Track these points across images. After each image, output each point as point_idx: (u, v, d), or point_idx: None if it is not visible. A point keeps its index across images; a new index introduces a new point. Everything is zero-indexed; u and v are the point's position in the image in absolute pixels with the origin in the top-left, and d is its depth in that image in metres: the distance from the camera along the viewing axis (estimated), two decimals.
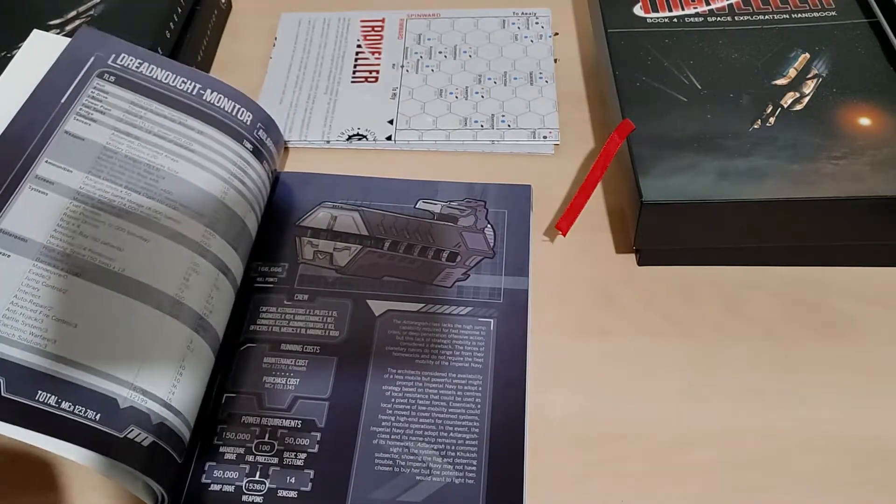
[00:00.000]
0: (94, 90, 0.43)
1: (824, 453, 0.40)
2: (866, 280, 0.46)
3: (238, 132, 0.45)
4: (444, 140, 0.54)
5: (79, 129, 0.42)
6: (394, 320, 0.44)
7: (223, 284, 0.42)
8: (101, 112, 0.43)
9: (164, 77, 0.45)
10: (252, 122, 0.47)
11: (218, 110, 0.45)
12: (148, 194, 0.41)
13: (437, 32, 0.62)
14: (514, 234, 0.48)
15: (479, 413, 0.41)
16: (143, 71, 0.45)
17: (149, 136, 0.43)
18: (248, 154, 0.45)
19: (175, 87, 0.45)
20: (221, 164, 0.44)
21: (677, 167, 0.44)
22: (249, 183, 0.45)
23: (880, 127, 0.45)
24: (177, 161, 0.43)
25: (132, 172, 0.41)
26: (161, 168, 0.42)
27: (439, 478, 0.39)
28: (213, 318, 0.41)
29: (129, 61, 0.45)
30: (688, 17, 0.53)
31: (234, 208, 0.43)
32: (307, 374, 0.42)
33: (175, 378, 0.38)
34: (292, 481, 0.39)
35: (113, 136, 0.42)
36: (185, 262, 0.40)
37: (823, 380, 0.42)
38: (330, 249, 0.47)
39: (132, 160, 0.42)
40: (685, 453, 0.40)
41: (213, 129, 0.45)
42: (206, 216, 0.42)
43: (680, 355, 0.44)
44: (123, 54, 0.46)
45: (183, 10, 0.57)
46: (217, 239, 0.42)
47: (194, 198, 0.42)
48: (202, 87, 0.46)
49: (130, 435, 0.35)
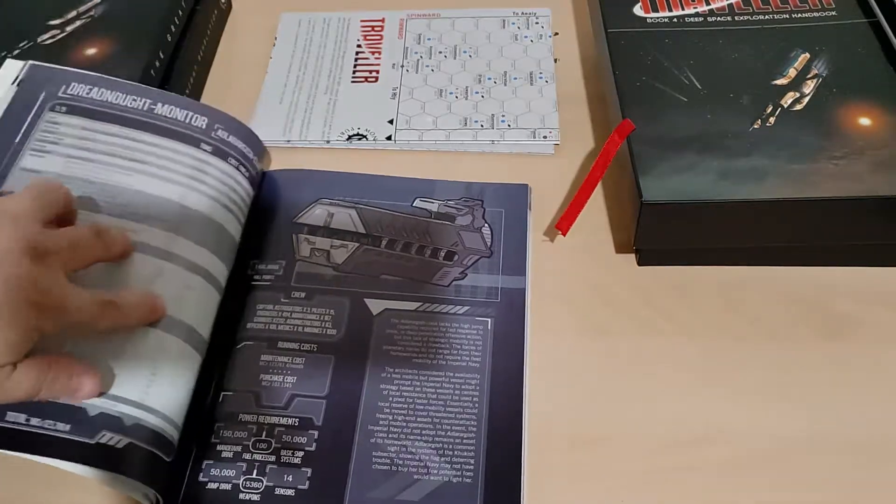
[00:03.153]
0: (46, 124, 0.44)
1: (825, 453, 0.40)
2: (866, 280, 0.46)
3: (192, 137, 0.46)
4: (444, 140, 0.54)
5: (34, 164, 0.43)
6: (391, 319, 0.44)
7: (196, 282, 0.42)
8: (55, 143, 0.44)
9: (114, 98, 0.46)
10: (208, 125, 0.47)
11: (169, 121, 0.46)
12: (108, 212, 0.42)
13: (437, 32, 0.62)
14: (511, 233, 0.48)
15: (476, 412, 0.41)
16: (94, 96, 0.46)
17: (102, 157, 0.44)
18: (207, 155, 0.46)
19: (126, 105, 0.46)
20: (176, 169, 0.45)
21: (677, 167, 0.44)
22: (211, 181, 0.45)
23: (880, 127, 0.45)
24: (131, 175, 0.44)
25: (89, 193, 0.42)
26: (117, 185, 0.43)
27: (437, 477, 0.39)
28: (188, 316, 0.41)
29: (80, 89, 0.46)
30: (688, 17, 0.53)
31: (197, 208, 0.44)
32: (304, 372, 0.42)
33: (148, 379, 0.38)
34: (290, 479, 0.39)
35: (67, 162, 0.43)
36: (149, 268, 0.41)
37: (823, 380, 0.42)
38: (327, 247, 0.47)
39: (88, 181, 0.43)
40: (685, 453, 0.40)
41: (165, 139, 0.46)
42: (167, 221, 0.43)
43: (680, 355, 0.43)
44: (73, 83, 0.47)
45: (183, 10, 0.57)
46: (181, 241, 0.42)
47: (152, 206, 0.43)
48: (153, 102, 0.47)
49: (102, 440, 0.36)
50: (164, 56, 0.54)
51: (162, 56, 0.54)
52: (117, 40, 0.54)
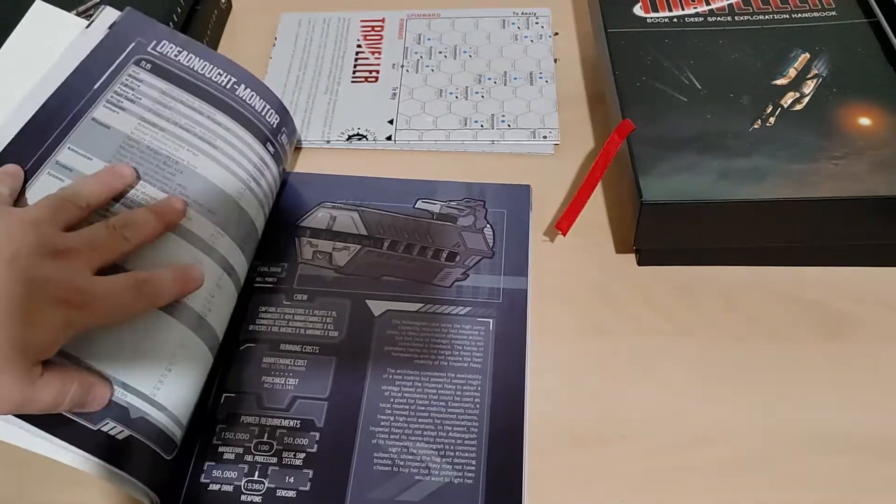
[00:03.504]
0: (128, 77, 0.43)
1: (825, 453, 0.40)
2: (866, 280, 0.46)
3: (264, 133, 0.45)
4: (444, 140, 0.54)
5: (106, 117, 0.41)
6: (393, 320, 0.44)
7: (226, 284, 0.42)
8: (132, 101, 0.42)
9: (201, 67, 0.45)
10: (278, 126, 0.46)
11: (248, 108, 0.45)
12: (163, 187, 0.41)
13: (437, 32, 0.62)
14: (513, 234, 0.48)
15: (478, 413, 0.41)
16: (181, 60, 0.44)
17: (174, 128, 0.42)
18: (269, 157, 0.45)
19: (210, 78, 0.45)
20: (241, 163, 0.44)
21: (677, 167, 0.44)
22: (264, 185, 0.45)
23: (880, 127, 0.45)
24: (197, 156, 0.42)
25: (151, 163, 0.41)
26: (180, 161, 0.42)
27: (438, 477, 0.39)
28: (212, 317, 0.40)
29: (169, 48, 0.45)
30: (688, 17, 0.53)
31: (247, 209, 0.43)
32: (306, 373, 0.42)
33: (162, 374, 0.37)
34: (291, 481, 0.39)
35: (139, 125, 0.42)
36: (190, 260, 0.40)
37: (824, 379, 0.42)
38: (329, 249, 0.47)
39: (153, 151, 0.41)
40: (685, 453, 0.40)
41: (240, 128, 0.44)
42: (218, 215, 0.42)
43: (680, 355, 0.44)
44: (164, 41, 0.45)
45: (183, 10, 0.57)
46: (225, 239, 0.42)
47: (208, 195, 0.42)
48: (237, 82, 0.45)
49: (105, 428, 0.35)
50: None
51: None
52: None
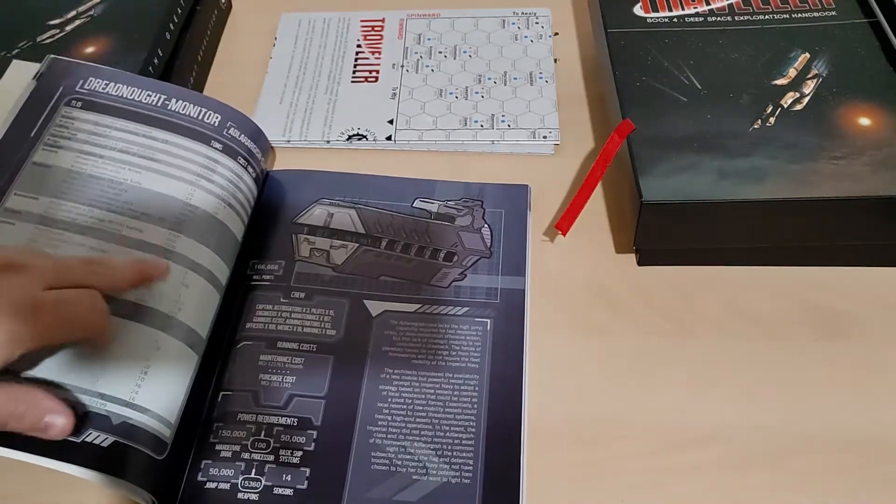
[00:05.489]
0: (61, 118, 0.45)
1: (824, 453, 0.39)
2: (866, 280, 0.46)
3: (204, 134, 0.46)
4: (444, 140, 0.54)
5: (46, 159, 0.43)
6: (390, 321, 0.44)
7: (194, 281, 0.42)
8: (67, 138, 0.44)
9: (130, 94, 0.47)
10: (221, 123, 0.47)
11: (182, 117, 0.46)
12: (110, 208, 0.42)
13: (437, 32, 0.62)
14: (511, 233, 0.48)
15: (475, 413, 0.41)
16: (110, 91, 0.46)
17: (113, 153, 0.44)
18: (217, 153, 0.46)
19: (140, 101, 0.46)
20: (186, 167, 0.45)
21: (677, 167, 0.44)
22: (220, 179, 0.45)
23: (880, 127, 0.45)
24: (140, 173, 0.44)
25: (95, 189, 0.43)
26: (124, 181, 0.43)
27: (436, 477, 0.39)
28: (185, 315, 0.41)
29: (96, 84, 0.47)
30: (688, 17, 0.53)
31: (203, 206, 0.44)
32: (303, 372, 0.42)
33: (139, 377, 0.38)
34: (288, 479, 0.39)
35: (77, 158, 0.43)
36: None
37: (824, 379, 0.42)
38: (326, 247, 0.47)
39: (95, 178, 0.43)
40: (685, 453, 0.40)
41: (177, 136, 0.46)
42: (169, 219, 0.43)
43: (680, 355, 0.43)
44: (91, 78, 0.47)
45: (183, 10, 0.57)
46: (182, 238, 0.42)
47: (156, 205, 0.43)
48: (167, 98, 0.47)
49: (88, 438, 0.36)
50: (163, 56, 0.54)
51: (161, 56, 0.54)
52: (117, 40, 0.54)
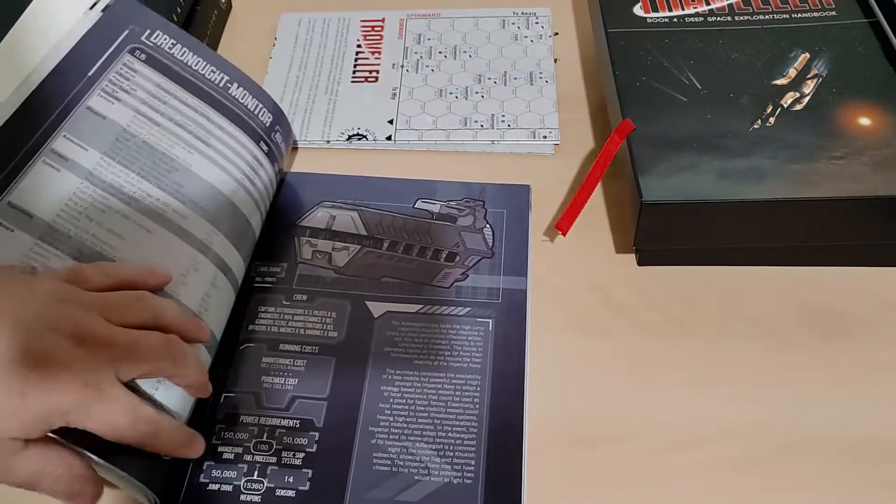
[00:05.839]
0: (123, 66, 0.42)
1: (825, 453, 0.40)
2: (866, 280, 0.46)
3: (256, 132, 0.45)
4: (444, 140, 0.54)
5: (102, 107, 0.41)
6: (392, 321, 0.44)
7: (222, 283, 0.42)
8: (127, 91, 0.42)
9: (195, 63, 0.44)
10: (271, 124, 0.46)
11: (241, 107, 0.45)
12: (159, 185, 0.41)
13: (437, 32, 0.62)
14: (512, 234, 0.48)
15: (477, 413, 0.41)
16: (175, 53, 0.44)
17: (169, 124, 0.42)
18: (263, 155, 0.45)
19: (204, 75, 0.44)
20: (236, 162, 0.44)
21: (677, 167, 0.44)
22: (259, 184, 0.45)
23: (880, 127, 0.45)
24: (192, 154, 0.42)
25: (147, 159, 0.41)
26: (176, 159, 0.41)
27: (437, 478, 0.39)
28: (208, 316, 0.40)
29: (163, 40, 0.44)
30: (688, 17, 0.53)
31: (242, 208, 0.43)
32: (306, 374, 0.42)
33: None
34: (290, 481, 0.39)
35: (134, 118, 0.41)
36: (186, 259, 0.40)
37: (824, 379, 0.42)
38: (329, 249, 0.47)
39: (149, 146, 0.41)
40: (685, 453, 0.40)
41: (234, 127, 0.44)
42: (212, 214, 0.42)
43: (680, 355, 0.43)
44: (158, 31, 0.44)
45: (183, 10, 0.57)
46: (220, 237, 0.42)
47: (204, 194, 0.42)
48: (230, 80, 0.45)
49: None
50: None
51: None
52: None
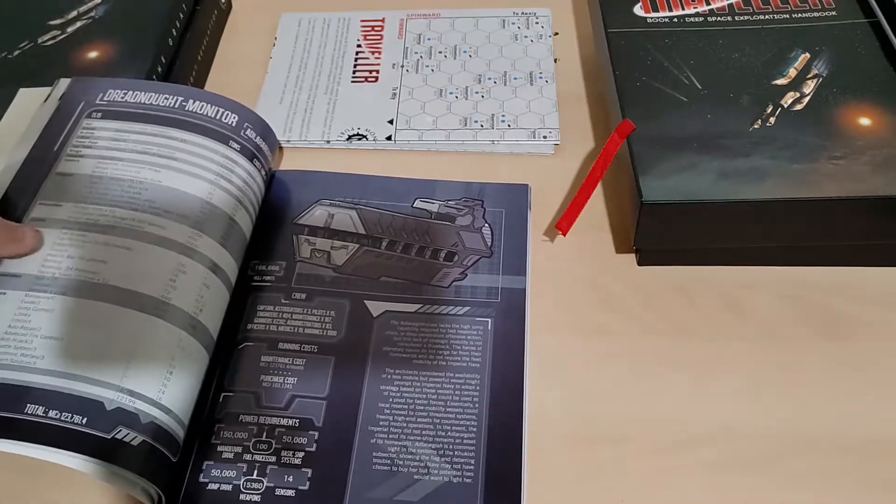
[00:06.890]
0: (82, 130, 0.46)
1: (825, 453, 0.40)
2: (866, 280, 0.46)
3: (222, 134, 0.47)
4: (444, 140, 0.54)
5: (68, 168, 0.44)
6: (391, 321, 0.44)
7: (213, 282, 0.42)
8: (89, 147, 0.45)
9: (147, 99, 0.48)
10: (238, 123, 0.48)
11: (201, 117, 0.47)
12: (132, 207, 0.43)
13: (437, 32, 0.62)
14: (511, 233, 0.48)
15: (476, 412, 0.41)
16: (128, 99, 0.47)
17: (132, 155, 0.45)
18: (235, 153, 0.47)
19: (158, 105, 0.47)
20: (205, 166, 0.45)
21: (677, 167, 0.44)
22: (237, 180, 0.46)
23: (880, 127, 0.45)
24: (159, 171, 0.44)
25: (116, 190, 0.43)
26: (144, 181, 0.44)
27: (437, 477, 0.39)
28: (204, 315, 0.41)
29: (115, 94, 0.48)
30: (688, 17, 0.53)
31: (222, 207, 0.44)
32: (305, 373, 0.42)
33: (165, 377, 0.38)
34: (290, 480, 0.39)
35: (98, 164, 0.44)
36: (171, 263, 0.41)
37: (823, 380, 0.42)
38: (327, 248, 0.47)
39: (116, 180, 0.44)
40: (685, 453, 0.40)
41: (196, 136, 0.46)
42: (191, 217, 0.43)
43: (680, 355, 0.43)
44: (109, 90, 0.48)
45: (183, 10, 0.57)
46: (204, 238, 0.43)
47: (178, 202, 0.43)
48: (184, 99, 0.48)
49: (119, 435, 0.36)
50: (164, 56, 0.54)
51: (162, 56, 0.54)
52: (118, 41, 0.54)
